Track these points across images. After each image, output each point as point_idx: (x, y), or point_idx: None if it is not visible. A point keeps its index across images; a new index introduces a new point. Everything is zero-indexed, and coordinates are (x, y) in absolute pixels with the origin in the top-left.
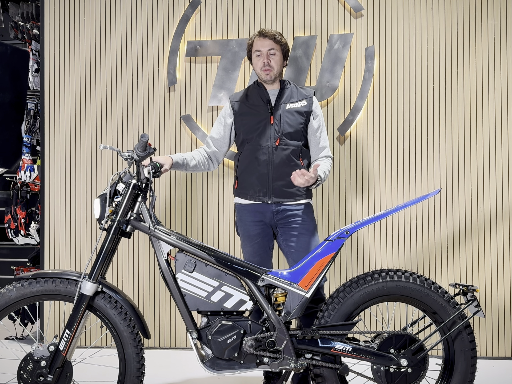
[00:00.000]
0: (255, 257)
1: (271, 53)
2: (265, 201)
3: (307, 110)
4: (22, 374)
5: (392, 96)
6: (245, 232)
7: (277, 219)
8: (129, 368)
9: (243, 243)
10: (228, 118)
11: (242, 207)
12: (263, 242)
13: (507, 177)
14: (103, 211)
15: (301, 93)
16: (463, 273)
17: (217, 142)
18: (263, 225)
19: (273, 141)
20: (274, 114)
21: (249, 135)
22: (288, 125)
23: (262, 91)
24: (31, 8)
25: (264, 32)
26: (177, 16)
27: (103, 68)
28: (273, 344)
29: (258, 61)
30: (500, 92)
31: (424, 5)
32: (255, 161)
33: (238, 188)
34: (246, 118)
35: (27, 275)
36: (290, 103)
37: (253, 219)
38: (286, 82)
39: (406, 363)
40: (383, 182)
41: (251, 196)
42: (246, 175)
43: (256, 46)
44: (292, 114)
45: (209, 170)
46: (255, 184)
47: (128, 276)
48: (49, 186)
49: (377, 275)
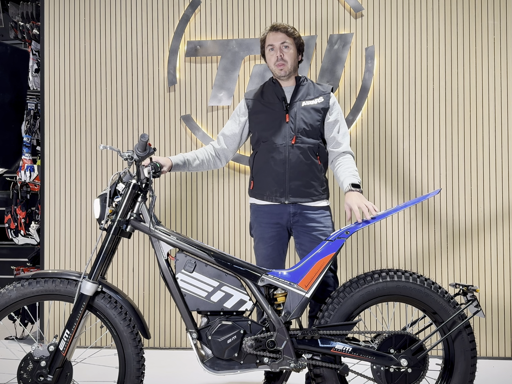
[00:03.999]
0: (268, 260)
1: (284, 46)
2: (282, 201)
3: (324, 106)
4: (22, 374)
5: (392, 96)
6: (260, 234)
7: (293, 221)
8: (129, 368)
9: (257, 245)
10: (242, 116)
11: (258, 208)
12: (278, 245)
13: (507, 177)
14: (103, 211)
15: (318, 89)
16: (463, 273)
17: (228, 140)
18: (278, 228)
19: (289, 139)
20: (290, 111)
21: (264, 133)
22: (304, 122)
23: (277, 88)
24: (31, 8)
25: (276, 26)
26: (177, 16)
27: (103, 68)
28: (273, 344)
29: (271, 56)
30: (500, 92)
31: (424, 5)
32: (271, 161)
33: (254, 189)
34: (261, 116)
35: (27, 275)
36: (307, 100)
37: (269, 220)
38: (303, 79)
39: (406, 363)
40: (383, 182)
41: (268, 197)
42: (262, 175)
43: (268, 41)
44: (308, 112)
45: (216, 167)
46: (271, 184)
47: (128, 276)
48: (49, 186)
49: (377, 275)
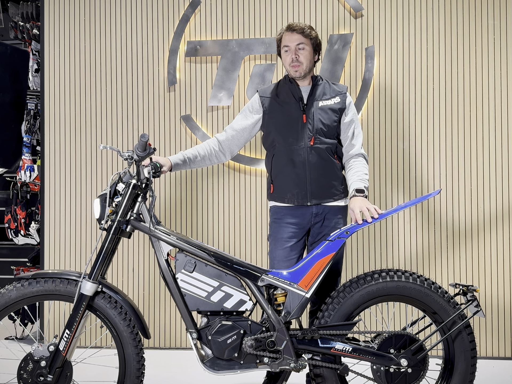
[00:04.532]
0: (285, 262)
1: (299, 48)
2: (304, 203)
3: (341, 107)
4: (22, 374)
5: (392, 96)
6: (278, 234)
7: (314, 221)
8: (129, 368)
9: (273, 247)
10: (256, 113)
11: (279, 208)
12: (295, 246)
13: (507, 177)
14: (103, 211)
15: (334, 89)
16: (463, 273)
17: (237, 134)
18: (298, 229)
19: (308, 140)
20: (307, 112)
21: (281, 134)
22: (322, 123)
23: (294, 88)
24: (31, 8)
25: (292, 27)
26: (177, 16)
27: (103, 68)
28: (273, 344)
29: (287, 56)
30: (500, 92)
31: (424, 5)
32: (290, 163)
33: (274, 192)
34: (277, 116)
35: (27, 275)
36: (323, 100)
37: (290, 219)
38: (319, 78)
39: (406, 363)
40: (383, 182)
41: (289, 200)
42: (282, 178)
43: (284, 42)
44: (325, 112)
45: (220, 162)
46: (292, 187)
47: (128, 276)
48: (49, 186)
49: (377, 275)
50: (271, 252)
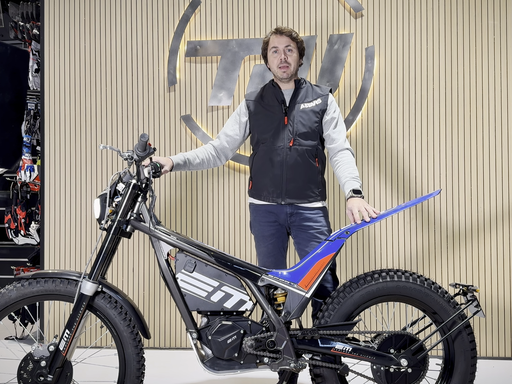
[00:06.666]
0: (269, 258)
1: (288, 49)
2: (278, 202)
3: (322, 108)
4: (22, 374)
5: (392, 96)
6: (259, 233)
7: (291, 221)
8: (129, 368)
9: (257, 244)
10: (243, 116)
11: (257, 207)
12: (278, 242)
13: (507, 177)
14: (103, 211)
15: (316, 92)
16: (463, 273)
17: (230, 139)
18: (277, 226)
19: (287, 141)
20: (288, 114)
21: (263, 135)
22: (302, 125)
23: (277, 91)
24: (31, 8)
25: (280, 29)
26: (177, 16)
27: (103, 68)
28: (273, 344)
29: (275, 58)
30: (500, 92)
31: (424, 5)
32: (269, 162)
33: (252, 189)
34: (261, 118)
35: (27, 275)
36: (305, 102)
37: (267, 219)
38: (302, 81)
39: (406, 363)
40: (383, 182)
41: (265, 197)
42: (260, 176)
43: (272, 43)
44: (306, 114)
45: (216, 166)
46: (268, 185)
47: (128, 276)
48: (49, 186)
49: (377, 275)
50: (256, 248)
